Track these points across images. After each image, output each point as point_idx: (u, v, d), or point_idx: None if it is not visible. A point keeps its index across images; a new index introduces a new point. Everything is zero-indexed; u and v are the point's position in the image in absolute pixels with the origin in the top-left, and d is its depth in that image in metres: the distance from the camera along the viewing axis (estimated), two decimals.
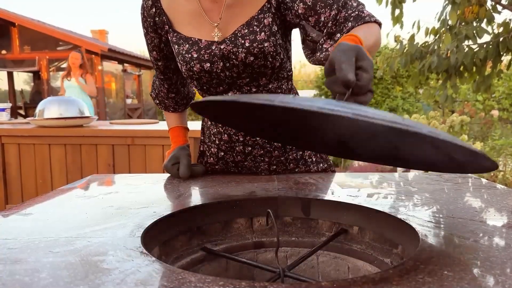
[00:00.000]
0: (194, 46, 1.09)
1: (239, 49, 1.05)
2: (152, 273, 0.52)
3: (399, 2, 3.70)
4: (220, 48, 1.07)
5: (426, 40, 3.87)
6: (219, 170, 1.27)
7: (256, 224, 0.93)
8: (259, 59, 1.05)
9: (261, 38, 1.04)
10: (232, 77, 1.10)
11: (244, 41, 1.05)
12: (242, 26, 1.06)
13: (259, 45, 1.04)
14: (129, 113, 11.89)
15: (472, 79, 3.56)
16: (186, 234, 0.85)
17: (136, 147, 2.54)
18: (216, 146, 1.22)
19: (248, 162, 1.20)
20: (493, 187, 1.02)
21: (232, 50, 1.06)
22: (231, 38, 1.06)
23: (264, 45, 1.04)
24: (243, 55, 1.05)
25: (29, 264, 0.55)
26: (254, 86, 1.12)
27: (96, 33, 14.30)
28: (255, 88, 1.12)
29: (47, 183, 2.67)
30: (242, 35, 1.05)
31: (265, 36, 1.04)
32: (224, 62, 1.07)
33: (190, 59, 1.09)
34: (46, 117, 2.71)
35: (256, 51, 1.04)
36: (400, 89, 10.28)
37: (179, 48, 1.11)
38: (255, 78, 1.10)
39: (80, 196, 0.96)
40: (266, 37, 1.05)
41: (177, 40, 1.12)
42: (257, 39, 1.04)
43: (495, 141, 4.52)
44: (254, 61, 1.05)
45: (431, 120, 6.23)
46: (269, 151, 1.17)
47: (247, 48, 1.04)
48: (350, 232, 0.88)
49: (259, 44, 1.04)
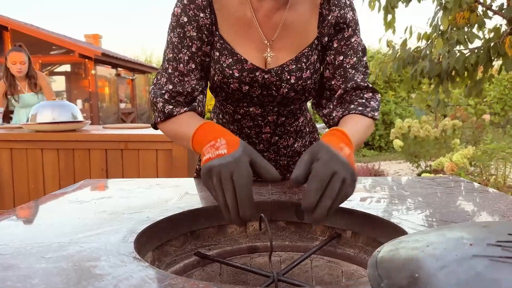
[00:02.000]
0: (237, 64, 0.99)
1: (283, 83, 1.01)
2: (145, 279, 0.52)
3: (392, 8, 3.73)
4: (263, 77, 1.00)
5: (418, 45, 3.91)
6: None
7: (250, 228, 0.93)
8: (299, 94, 1.04)
9: (306, 76, 1.02)
10: (263, 101, 1.06)
11: (290, 77, 1.01)
12: (291, 61, 1.01)
13: (303, 83, 1.02)
14: (123, 117, 11.85)
15: (463, 83, 3.60)
16: (180, 239, 0.85)
17: (130, 152, 2.53)
18: None
19: None
20: (485, 191, 1.03)
21: (275, 83, 1.01)
22: (277, 71, 1.00)
23: (307, 82, 1.03)
24: (286, 90, 1.02)
25: (21, 270, 0.55)
26: (279, 107, 1.08)
27: (90, 38, 14.27)
28: (278, 108, 1.08)
29: (39, 188, 2.65)
30: (289, 70, 1.01)
31: (309, 74, 1.02)
32: (263, 90, 1.02)
33: (230, 75, 1.00)
34: (38, 121, 2.69)
35: (299, 89, 1.02)
36: (393, 94, 10.34)
37: (221, 58, 1.00)
38: (284, 104, 1.07)
39: (73, 201, 0.95)
40: (310, 75, 1.03)
41: (221, 48, 1.00)
42: (303, 77, 1.01)
43: (487, 145, 4.56)
44: (293, 96, 1.04)
45: (423, 124, 6.28)
46: (261, 150, 1.16)
47: (292, 85, 1.01)
48: (344, 236, 0.88)
49: (303, 82, 1.02)
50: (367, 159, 8.47)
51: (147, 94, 14.63)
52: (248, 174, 0.69)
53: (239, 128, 1.13)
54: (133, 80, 13.01)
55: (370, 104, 1.00)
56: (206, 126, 0.84)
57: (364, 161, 8.04)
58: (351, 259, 0.85)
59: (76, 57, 10.05)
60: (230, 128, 1.14)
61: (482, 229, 0.43)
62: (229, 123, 1.14)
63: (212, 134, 0.79)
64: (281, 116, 1.09)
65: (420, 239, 0.43)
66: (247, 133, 1.12)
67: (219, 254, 0.87)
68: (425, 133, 6.02)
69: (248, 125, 1.11)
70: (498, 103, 10.22)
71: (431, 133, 6.03)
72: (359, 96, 1.01)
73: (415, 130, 6.08)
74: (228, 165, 0.69)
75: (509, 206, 0.87)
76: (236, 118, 1.11)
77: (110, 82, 11.69)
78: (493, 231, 0.41)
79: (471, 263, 0.35)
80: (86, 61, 10.23)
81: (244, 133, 1.13)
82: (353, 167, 0.70)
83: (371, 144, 10.09)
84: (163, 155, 2.46)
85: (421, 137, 6.03)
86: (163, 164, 2.47)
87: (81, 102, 10.43)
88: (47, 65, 10.73)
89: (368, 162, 7.35)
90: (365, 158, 8.92)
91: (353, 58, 1.02)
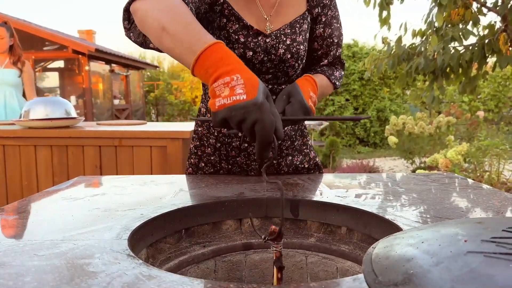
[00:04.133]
0: (243, 30, 1.09)
1: (280, 44, 1.12)
2: (139, 276, 0.52)
3: (387, 4, 3.73)
4: (265, 41, 1.11)
5: (413, 42, 3.91)
6: (211, 166, 1.26)
7: (245, 225, 0.93)
8: (293, 59, 1.14)
9: (299, 40, 1.14)
10: (261, 70, 1.14)
11: (286, 39, 1.13)
12: (286, 26, 1.14)
13: (297, 45, 1.14)
14: (117, 114, 11.79)
15: (458, 80, 3.61)
16: (174, 236, 0.84)
17: (124, 148, 2.51)
18: (214, 137, 1.23)
19: (240, 157, 1.20)
20: (479, 187, 1.03)
21: (274, 45, 1.12)
22: (276, 34, 1.12)
23: (300, 47, 1.15)
24: (282, 51, 1.12)
25: (13, 268, 0.54)
26: (272, 83, 1.17)
27: (83, 33, 14.16)
28: (272, 85, 1.17)
29: (32, 185, 2.64)
30: (285, 33, 1.13)
31: (301, 40, 1.15)
32: (265, 55, 1.12)
33: (235, 41, 1.09)
34: (32, 118, 2.67)
35: (294, 51, 1.13)
36: (388, 91, 10.37)
37: (227, 24, 1.09)
38: (277, 77, 1.16)
39: (66, 198, 0.94)
40: (302, 40, 1.15)
41: (228, 15, 1.09)
42: (296, 40, 1.14)
43: (481, 142, 4.59)
44: (289, 59, 1.14)
45: (418, 121, 6.30)
46: None
47: (287, 46, 1.13)
48: (339, 233, 0.88)
49: (297, 45, 1.14)
50: (362, 156, 8.50)
51: (141, 90, 14.58)
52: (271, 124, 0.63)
53: None
54: (127, 76, 12.94)
55: (336, 73, 1.24)
56: (218, 48, 0.68)
57: (359, 157, 8.07)
58: (346, 255, 0.85)
59: (69, 53, 9.98)
60: None
61: (477, 225, 0.43)
62: None
63: (225, 64, 0.66)
64: (275, 95, 1.14)
65: (415, 236, 0.43)
66: None
67: (214, 251, 0.87)
68: (419, 129, 6.05)
69: None
70: (492, 100, 10.28)
71: (426, 129, 6.06)
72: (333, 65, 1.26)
73: (409, 126, 6.11)
74: (250, 114, 0.62)
75: (503, 202, 0.87)
76: None
77: (104, 78, 11.63)
78: (487, 227, 0.42)
79: (465, 259, 0.35)
80: (79, 57, 10.16)
81: None
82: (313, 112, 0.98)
83: (366, 140, 10.12)
84: (158, 152, 2.45)
85: (416, 133, 6.06)
86: (158, 161, 2.46)
87: (75, 99, 10.36)
88: (40, 61, 10.64)
89: (363, 158, 7.37)
90: (360, 154, 8.95)
91: (336, 31, 1.22)
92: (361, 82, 10.04)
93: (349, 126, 9.94)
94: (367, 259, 0.42)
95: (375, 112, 10.02)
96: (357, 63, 9.88)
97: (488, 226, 0.42)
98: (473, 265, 0.34)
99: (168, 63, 21.73)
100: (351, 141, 10.04)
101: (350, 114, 9.90)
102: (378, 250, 0.43)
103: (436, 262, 0.36)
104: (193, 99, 15.96)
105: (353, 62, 10.04)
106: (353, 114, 9.99)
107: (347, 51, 10.13)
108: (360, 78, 9.93)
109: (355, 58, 10.13)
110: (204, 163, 1.26)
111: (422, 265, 0.36)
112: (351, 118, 0.84)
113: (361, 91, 10.08)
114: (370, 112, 9.92)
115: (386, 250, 0.42)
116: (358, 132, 10.01)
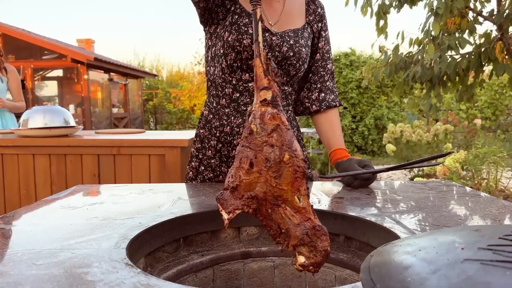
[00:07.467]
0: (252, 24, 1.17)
1: (284, 43, 1.26)
2: (137, 285, 0.52)
3: (384, 13, 3.76)
4: (271, 38, 1.26)
5: (410, 51, 3.94)
6: (211, 170, 1.30)
7: (244, 233, 0.93)
8: (295, 57, 1.27)
9: (301, 43, 1.29)
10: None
11: (289, 39, 1.28)
12: (290, 30, 1.29)
13: (299, 46, 1.28)
14: (115, 122, 11.80)
15: (455, 88, 3.63)
16: (172, 245, 0.84)
17: (122, 157, 2.51)
18: (216, 139, 1.29)
19: None
20: (477, 195, 1.03)
21: (278, 43, 1.26)
22: (282, 34, 1.28)
23: (302, 49, 1.29)
24: (286, 49, 1.26)
25: (11, 277, 0.54)
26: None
27: (82, 42, 14.21)
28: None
29: (31, 194, 2.63)
30: (289, 36, 1.28)
31: (304, 43, 1.30)
32: (269, 51, 1.25)
33: (245, 32, 1.22)
34: (30, 126, 2.67)
35: (296, 50, 1.27)
36: (385, 99, 10.40)
37: (238, 19, 1.24)
38: (282, 69, 1.27)
39: (65, 207, 0.94)
40: (304, 44, 1.30)
41: (240, 12, 1.25)
42: (299, 42, 1.29)
43: (478, 149, 4.59)
44: (291, 57, 1.27)
45: (415, 129, 6.31)
46: None
47: (291, 45, 1.27)
48: (337, 241, 0.88)
49: (300, 46, 1.28)
50: None
51: (140, 99, 14.60)
52: None
53: (235, 109, 1.28)
54: (125, 85, 12.97)
55: (335, 91, 1.41)
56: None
57: None
58: (344, 264, 0.85)
59: (68, 62, 10.01)
60: (226, 112, 1.29)
61: (474, 233, 0.43)
62: (225, 107, 1.29)
63: None
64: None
65: (412, 244, 0.44)
66: (243, 110, 1.27)
67: (213, 260, 0.87)
68: (417, 137, 6.06)
69: (245, 102, 1.27)
70: (489, 108, 10.32)
71: (423, 137, 6.07)
72: (330, 82, 1.41)
73: (407, 134, 6.12)
74: None
75: (501, 210, 0.87)
76: (234, 98, 1.27)
77: (102, 87, 11.65)
78: (485, 235, 0.42)
79: (462, 267, 0.35)
80: (78, 66, 10.19)
81: (240, 111, 1.27)
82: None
83: (364, 148, 10.13)
84: (156, 160, 2.45)
85: (414, 141, 6.07)
86: (156, 169, 2.46)
87: (74, 107, 10.37)
88: (39, 70, 10.66)
89: None
90: None
91: (331, 49, 1.42)
92: (358, 90, 10.07)
93: (347, 134, 9.96)
94: (365, 267, 0.42)
95: (373, 120, 10.04)
96: (354, 71, 9.91)
97: (485, 234, 0.42)
98: (470, 273, 0.34)
99: (166, 72, 21.75)
100: (349, 149, 10.04)
101: (349, 121, 9.92)
102: (376, 258, 0.43)
103: (434, 270, 0.36)
104: (191, 108, 15.98)
105: (351, 71, 10.09)
106: (351, 122, 10.01)
107: (345, 59, 10.18)
108: (358, 86, 9.97)
109: (352, 66, 10.17)
110: (204, 166, 1.30)
111: (419, 272, 0.36)
112: (433, 157, 1.06)
113: (358, 99, 10.11)
114: (367, 120, 9.95)
115: (384, 258, 0.42)
116: (356, 140, 10.02)
